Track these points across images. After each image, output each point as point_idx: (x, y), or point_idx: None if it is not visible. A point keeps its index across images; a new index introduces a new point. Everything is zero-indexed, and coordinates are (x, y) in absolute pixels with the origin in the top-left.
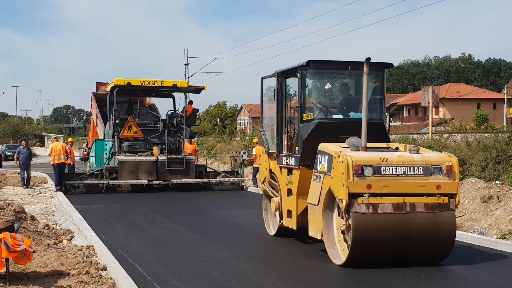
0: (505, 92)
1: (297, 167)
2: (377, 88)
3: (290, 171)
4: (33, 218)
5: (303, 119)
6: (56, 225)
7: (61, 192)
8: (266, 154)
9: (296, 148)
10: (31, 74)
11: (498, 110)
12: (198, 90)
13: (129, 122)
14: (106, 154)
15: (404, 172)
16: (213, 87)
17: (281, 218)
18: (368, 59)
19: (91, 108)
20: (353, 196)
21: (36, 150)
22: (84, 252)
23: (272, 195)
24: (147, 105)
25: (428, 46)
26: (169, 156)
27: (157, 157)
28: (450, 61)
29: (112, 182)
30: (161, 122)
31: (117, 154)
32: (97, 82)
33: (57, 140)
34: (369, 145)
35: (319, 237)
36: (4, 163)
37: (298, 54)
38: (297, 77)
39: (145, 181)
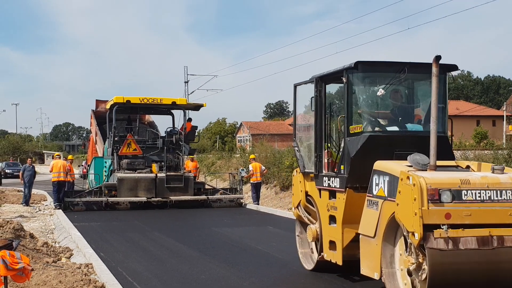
0: (504, 109)
1: (343, 189)
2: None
3: (332, 194)
4: (32, 236)
5: (350, 132)
6: (55, 243)
7: (60, 210)
8: (301, 173)
9: (342, 166)
10: (31, 91)
11: (498, 127)
12: (197, 107)
13: (128, 139)
14: (105, 171)
15: (490, 197)
16: (213, 104)
17: (321, 250)
18: (438, 57)
19: (91, 126)
20: (427, 228)
21: (36, 167)
22: (83, 270)
23: (309, 222)
24: (146, 123)
25: None
26: (168, 173)
27: (156, 174)
28: (449, 78)
29: (111, 199)
30: (160, 140)
31: (116, 171)
32: (96, 100)
33: (59, 158)
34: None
35: (376, 277)
36: (3, 181)
37: (297, 71)
38: (342, 82)
39: (144, 198)
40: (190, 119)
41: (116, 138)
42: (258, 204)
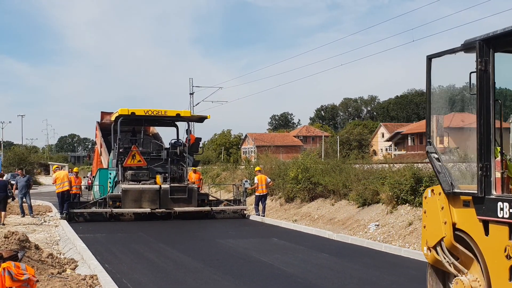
0: (510, 121)
1: None
2: None
3: None
4: (37, 247)
5: None
6: (60, 254)
7: (65, 221)
8: (443, 194)
9: None
10: (37, 103)
11: (504, 140)
12: (201, 119)
13: (133, 151)
14: (110, 182)
15: None
16: (218, 116)
17: None
18: None
19: (96, 137)
20: None
21: (41, 178)
22: (87, 282)
23: (455, 271)
24: (151, 134)
25: None
26: (172, 184)
27: (160, 186)
28: (454, 90)
29: (115, 210)
30: (164, 151)
31: (120, 182)
32: (102, 112)
33: (60, 169)
34: None
35: None
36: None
37: (302, 83)
38: None
39: (148, 210)
40: (189, 131)
41: (120, 150)
42: (264, 216)
